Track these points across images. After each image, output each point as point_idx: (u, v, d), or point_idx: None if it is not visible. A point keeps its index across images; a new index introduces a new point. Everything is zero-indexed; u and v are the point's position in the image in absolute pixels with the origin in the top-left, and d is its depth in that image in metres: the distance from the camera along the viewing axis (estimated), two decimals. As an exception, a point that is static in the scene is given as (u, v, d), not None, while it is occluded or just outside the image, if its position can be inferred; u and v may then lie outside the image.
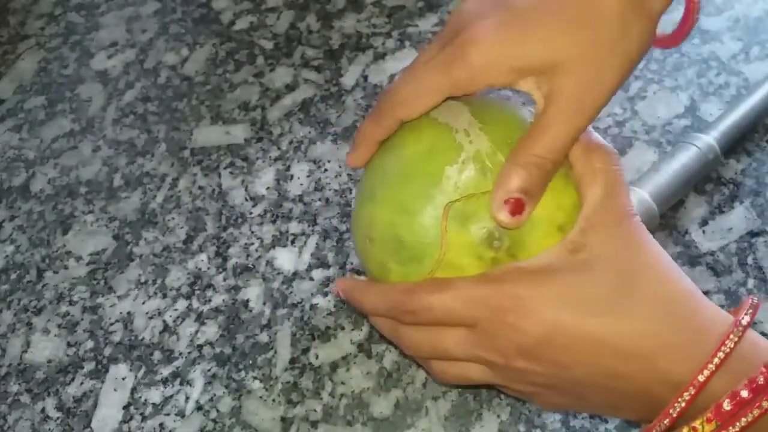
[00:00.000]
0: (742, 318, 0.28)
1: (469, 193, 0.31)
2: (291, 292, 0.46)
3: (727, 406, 0.26)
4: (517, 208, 0.30)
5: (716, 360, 0.27)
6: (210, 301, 0.46)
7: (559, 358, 0.29)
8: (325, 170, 0.52)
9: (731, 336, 0.27)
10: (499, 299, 0.29)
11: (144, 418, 0.42)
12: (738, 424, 0.26)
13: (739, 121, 0.46)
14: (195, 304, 0.46)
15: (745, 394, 0.26)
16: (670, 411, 0.27)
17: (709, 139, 0.45)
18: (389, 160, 0.34)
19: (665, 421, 0.27)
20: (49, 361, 0.45)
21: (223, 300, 0.46)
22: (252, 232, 0.49)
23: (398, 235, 0.32)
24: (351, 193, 0.50)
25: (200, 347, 0.44)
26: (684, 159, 0.44)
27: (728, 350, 0.27)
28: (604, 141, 0.33)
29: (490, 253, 0.31)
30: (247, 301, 0.46)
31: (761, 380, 0.26)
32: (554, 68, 0.29)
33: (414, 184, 0.32)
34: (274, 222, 0.50)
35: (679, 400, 0.27)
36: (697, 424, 0.26)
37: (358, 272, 0.46)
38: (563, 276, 0.29)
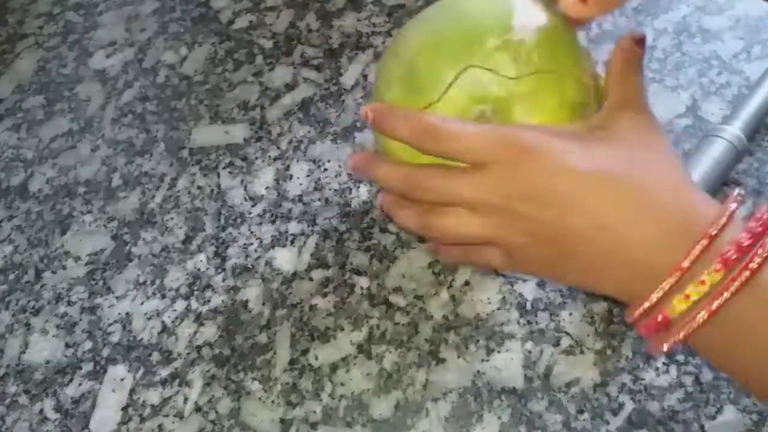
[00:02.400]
0: (731, 205, 0.29)
1: (491, 68, 0.33)
2: (290, 293, 0.46)
3: (732, 255, 0.27)
4: None
5: (703, 242, 0.28)
6: (209, 301, 0.46)
7: (560, 206, 0.30)
8: (325, 170, 0.52)
9: (720, 220, 0.28)
10: (518, 142, 0.31)
11: (142, 420, 0.42)
12: (744, 273, 0.27)
13: (759, 108, 0.46)
14: (194, 304, 0.46)
15: (745, 241, 0.27)
16: (663, 284, 0.28)
17: (735, 129, 0.45)
18: (452, 4, 0.36)
19: (655, 296, 0.29)
20: (48, 362, 0.45)
21: (222, 300, 0.46)
22: (251, 232, 0.49)
23: (416, 61, 0.34)
24: (351, 192, 0.50)
25: (199, 348, 0.44)
26: (715, 153, 0.44)
27: (715, 233, 0.28)
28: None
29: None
30: (246, 301, 0.46)
31: (758, 229, 0.28)
32: None
33: (457, 31, 0.34)
34: (273, 222, 0.50)
35: (666, 281, 0.28)
36: (704, 276, 0.27)
37: (358, 272, 0.46)
38: (581, 140, 0.31)
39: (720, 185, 0.45)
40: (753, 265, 0.27)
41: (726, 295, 0.27)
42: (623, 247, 0.30)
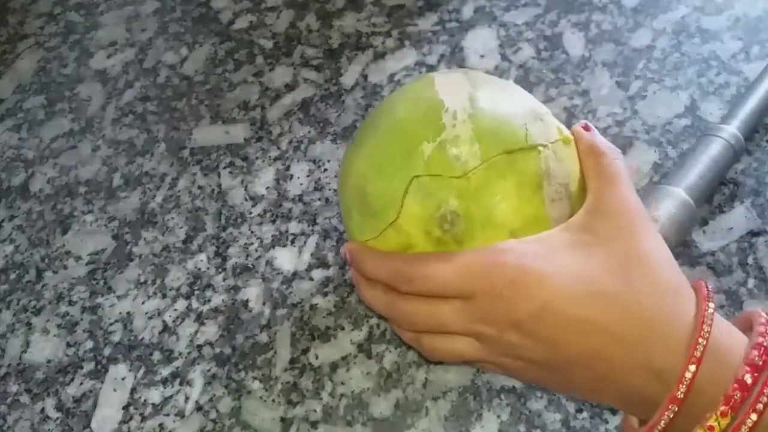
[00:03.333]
0: (707, 308, 0.28)
1: (436, 173, 0.32)
2: (291, 292, 0.46)
3: (737, 396, 0.26)
4: None
5: (697, 353, 0.27)
6: (209, 301, 0.46)
7: (550, 335, 0.29)
8: (325, 170, 0.52)
9: (704, 327, 0.27)
10: (499, 272, 0.30)
11: (143, 419, 0.42)
12: (751, 416, 0.26)
13: (757, 107, 0.46)
14: (194, 304, 0.46)
15: (748, 379, 0.26)
16: (669, 407, 0.27)
17: (732, 129, 0.45)
18: (382, 119, 0.36)
19: (664, 419, 0.27)
20: (49, 361, 0.45)
21: (223, 300, 0.46)
22: (251, 232, 0.49)
23: (365, 188, 0.34)
24: (351, 192, 0.50)
25: (200, 347, 0.44)
26: (712, 152, 0.44)
27: (705, 342, 0.27)
28: (607, 142, 0.34)
29: (437, 232, 0.32)
30: (247, 301, 0.46)
31: (758, 360, 0.26)
32: None
33: (392, 147, 0.34)
34: (273, 222, 0.50)
35: (670, 407, 0.27)
36: (711, 422, 0.26)
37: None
38: (562, 254, 0.30)
39: (717, 184, 0.45)
40: (759, 407, 0.26)
41: None
42: (619, 373, 0.29)
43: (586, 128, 0.36)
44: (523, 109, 0.34)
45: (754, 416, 0.26)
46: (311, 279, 0.46)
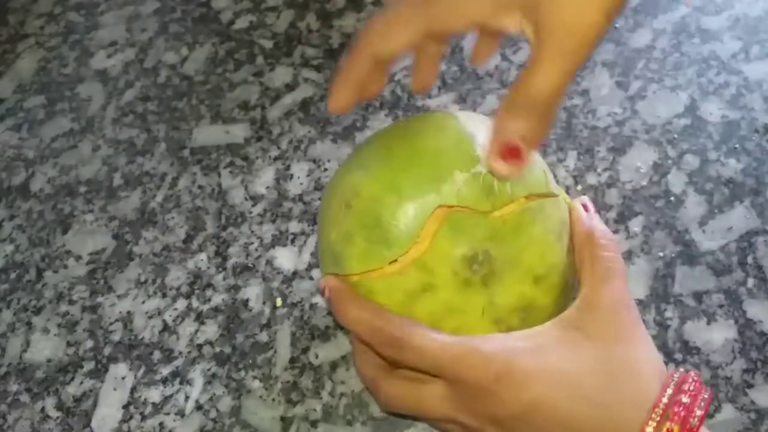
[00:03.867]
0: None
1: (466, 205, 0.30)
2: (291, 292, 0.46)
3: None
4: (515, 154, 0.28)
5: None
6: (210, 300, 0.46)
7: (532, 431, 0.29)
8: (325, 170, 0.52)
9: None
10: (486, 366, 0.28)
11: (144, 418, 0.42)
12: None
13: None
14: (195, 303, 0.46)
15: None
16: None
17: None
18: (400, 144, 0.33)
19: None
20: (49, 361, 0.45)
21: (223, 299, 0.46)
22: (252, 232, 0.49)
23: (379, 212, 0.31)
24: (351, 192, 0.50)
25: (200, 347, 0.44)
26: None
27: None
28: (606, 229, 0.33)
29: (466, 273, 0.30)
30: (247, 300, 0.46)
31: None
32: None
33: (418, 171, 0.31)
34: (273, 221, 0.50)
35: None
36: None
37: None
38: (551, 352, 0.29)
39: None
40: None
41: None
42: None
43: (586, 208, 0.34)
44: (538, 156, 0.34)
45: None
46: (311, 278, 0.46)
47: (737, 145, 0.48)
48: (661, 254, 0.44)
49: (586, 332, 0.29)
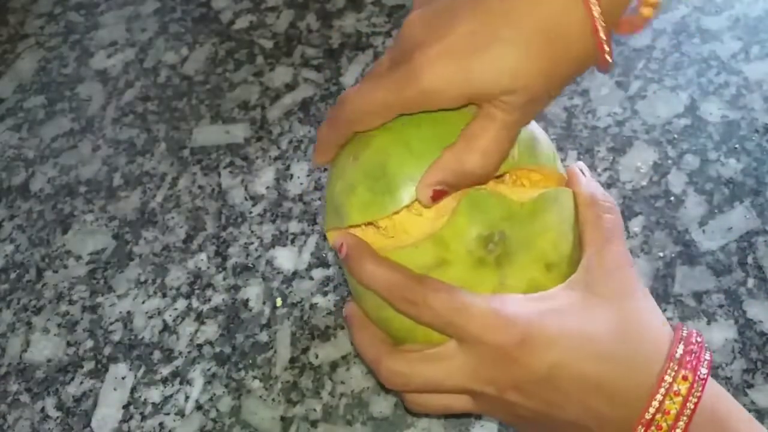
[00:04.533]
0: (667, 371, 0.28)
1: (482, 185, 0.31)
2: (291, 292, 0.46)
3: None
4: (439, 195, 0.30)
5: (647, 414, 0.28)
6: (210, 300, 0.46)
7: (552, 397, 0.29)
8: (325, 170, 0.52)
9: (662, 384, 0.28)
10: (509, 330, 0.28)
11: (144, 418, 0.42)
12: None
13: None
14: (195, 303, 0.46)
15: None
16: None
17: None
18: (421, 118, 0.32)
19: None
20: (49, 361, 0.45)
21: (223, 299, 0.46)
22: (252, 232, 0.49)
23: (385, 163, 0.31)
24: (351, 192, 0.50)
25: (200, 347, 0.44)
26: None
27: (657, 404, 0.28)
28: (605, 193, 0.34)
29: (481, 252, 0.31)
30: (247, 300, 0.46)
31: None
32: (503, 94, 0.29)
33: (429, 129, 0.31)
34: (273, 221, 0.50)
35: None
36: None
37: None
38: (568, 315, 0.30)
39: None
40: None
41: None
42: (607, 430, 0.29)
43: (583, 173, 0.35)
44: (547, 138, 0.34)
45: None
46: (311, 278, 0.46)
47: (737, 145, 0.48)
48: (661, 254, 0.44)
49: (597, 292, 0.30)
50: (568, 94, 0.53)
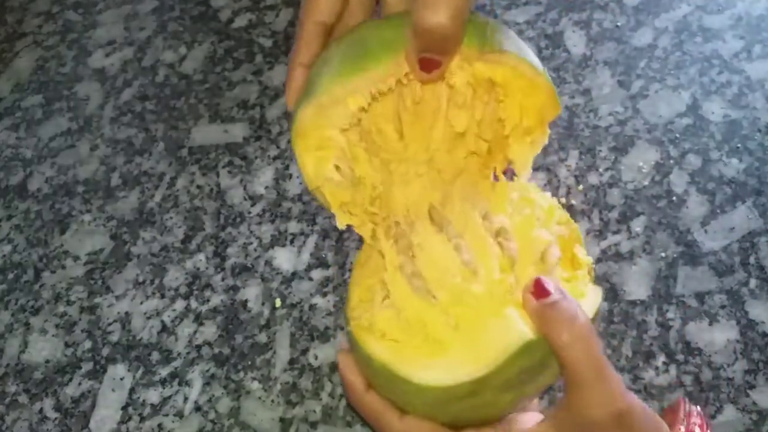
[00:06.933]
0: None
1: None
2: (290, 293, 0.46)
3: None
4: (428, 64, 0.29)
5: None
6: (208, 301, 0.46)
7: None
8: (325, 169, 0.52)
9: None
10: None
11: (142, 419, 0.42)
12: None
13: None
14: (193, 304, 0.46)
15: None
16: None
17: None
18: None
19: None
20: (47, 362, 0.45)
21: (222, 300, 0.46)
22: (251, 232, 0.49)
23: (363, 36, 0.30)
24: (350, 192, 0.50)
25: (199, 348, 0.44)
26: None
27: None
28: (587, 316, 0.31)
29: (513, 382, 0.29)
30: (246, 301, 0.46)
31: None
32: None
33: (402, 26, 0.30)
34: (273, 221, 0.49)
35: None
36: None
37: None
38: None
39: None
40: None
41: None
42: None
43: (544, 291, 0.28)
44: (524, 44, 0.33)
45: None
46: (311, 279, 0.46)
47: (739, 145, 0.48)
48: (663, 254, 0.44)
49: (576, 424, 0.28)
50: (569, 93, 0.53)
